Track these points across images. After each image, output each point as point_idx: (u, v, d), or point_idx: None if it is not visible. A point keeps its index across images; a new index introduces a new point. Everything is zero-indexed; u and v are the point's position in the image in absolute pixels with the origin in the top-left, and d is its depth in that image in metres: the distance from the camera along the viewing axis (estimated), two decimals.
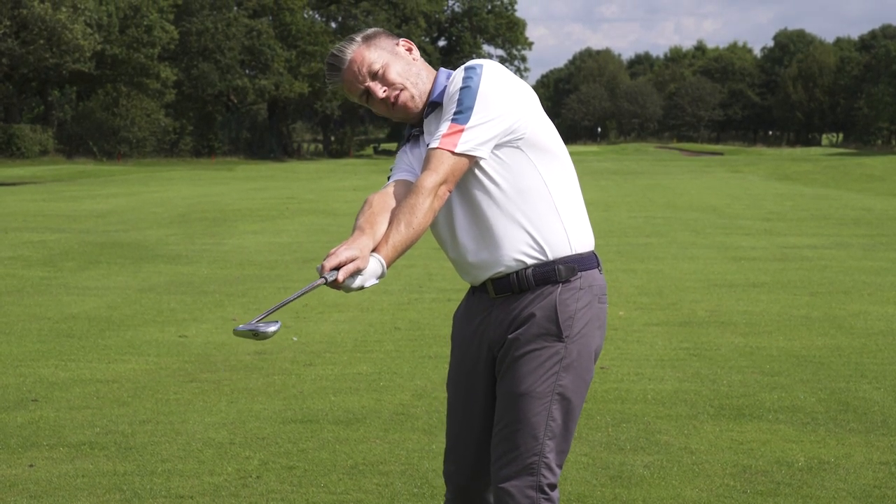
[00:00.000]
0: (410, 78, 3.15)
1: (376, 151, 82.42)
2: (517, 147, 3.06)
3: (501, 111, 3.02)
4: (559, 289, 3.08)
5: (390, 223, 2.98)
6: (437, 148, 2.98)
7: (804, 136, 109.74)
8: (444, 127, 3.01)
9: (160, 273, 13.23)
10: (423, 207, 2.96)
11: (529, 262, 3.08)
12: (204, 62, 66.68)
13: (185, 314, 10.08)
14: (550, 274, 3.08)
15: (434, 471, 5.19)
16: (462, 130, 2.98)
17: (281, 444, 5.69)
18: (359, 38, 3.17)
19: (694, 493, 4.90)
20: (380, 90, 3.13)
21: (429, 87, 3.18)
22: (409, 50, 3.21)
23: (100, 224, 20.18)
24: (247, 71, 69.61)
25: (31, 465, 5.36)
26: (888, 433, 5.84)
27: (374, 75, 3.13)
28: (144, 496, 4.90)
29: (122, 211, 23.54)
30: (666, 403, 6.51)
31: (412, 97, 3.15)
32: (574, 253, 3.10)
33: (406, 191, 3.09)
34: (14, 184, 36.90)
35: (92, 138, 60.96)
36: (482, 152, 3.01)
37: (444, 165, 2.97)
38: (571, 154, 3.28)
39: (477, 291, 3.22)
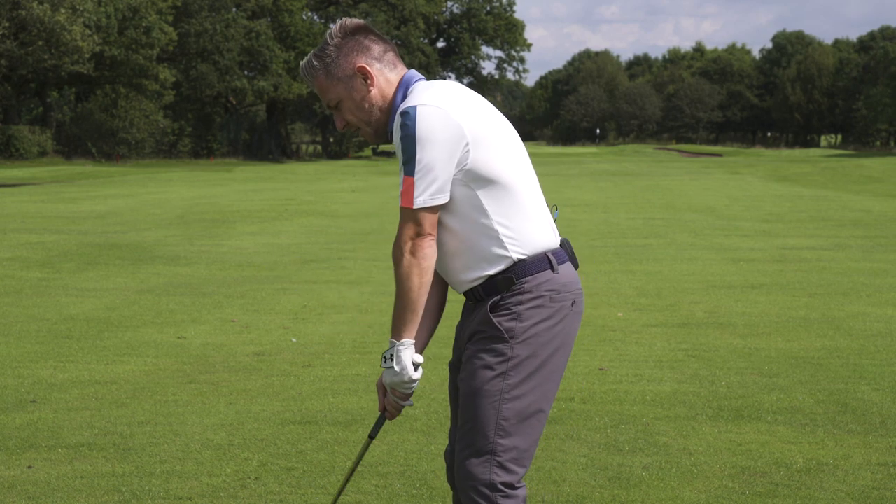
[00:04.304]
0: (363, 116, 3.29)
1: (375, 153, 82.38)
2: (455, 177, 3.15)
3: (442, 152, 3.09)
4: (500, 297, 3.21)
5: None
6: (402, 207, 3.13)
7: (803, 137, 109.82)
8: (400, 178, 3.13)
9: (159, 274, 13.23)
10: (405, 275, 3.12)
11: (480, 280, 3.23)
12: (203, 63, 66.66)
13: (183, 315, 10.08)
14: (493, 285, 3.22)
15: (433, 472, 5.20)
16: (413, 183, 3.09)
17: (280, 446, 5.69)
18: (318, 64, 3.28)
19: (692, 494, 4.90)
20: (339, 123, 3.35)
21: (386, 116, 3.29)
22: (365, 77, 3.26)
23: (98, 225, 20.18)
24: (245, 72, 69.56)
25: (29, 467, 5.36)
26: (887, 434, 5.84)
27: (335, 107, 3.32)
28: (143, 497, 4.90)
29: (120, 212, 23.54)
30: (664, 405, 6.51)
31: (369, 133, 3.33)
32: (517, 261, 3.20)
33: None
34: (13, 185, 36.89)
35: (91, 139, 60.97)
36: (442, 199, 3.12)
37: (409, 223, 3.12)
38: (570, 155, 3.33)
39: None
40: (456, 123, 3.10)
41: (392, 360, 3.18)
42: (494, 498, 3.12)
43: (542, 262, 3.23)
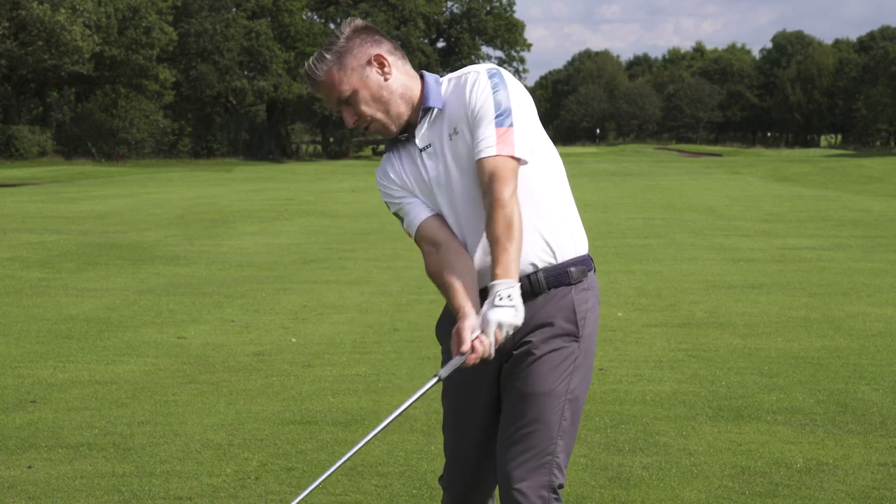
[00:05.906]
0: (382, 104, 3.08)
1: (375, 153, 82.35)
2: None
3: (531, 112, 3.08)
4: (572, 290, 3.09)
5: (496, 243, 2.93)
6: (498, 156, 2.96)
7: (803, 137, 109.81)
8: (490, 132, 2.98)
9: (159, 274, 13.23)
10: (515, 217, 2.93)
11: (541, 265, 3.07)
12: (203, 63, 66.69)
13: (183, 315, 10.08)
14: (563, 276, 3.09)
15: (433, 472, 5.20)
16: (513, 132, 2.98)
17: (280, 446, 5.69)
18: (330, 57, 3.06)
19: (692, 494, 4.90)
20: (349, 119, 3.11)
21: (407, 105, 3.10)
22: (382, 65, 3.09)
23: (98, 225, 20.18)
24: (245, 72, 69.59)
25: (29, 467, 5.36)
26: (886, 434, 5.84)
27: (346, 101, 3.09)
28: (143, 497, 4.90)
29: (120, 212, 23.54)
30: (664, 405, 6.51)
31: (384, 125, 3.11)
32: (578, 255, 3.12)
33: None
34: (13, 185, 36.90)
35: (91, 139, 61.00)
36: (531, 157, 3.04)
37: (511, 172, 2.97)
38: (570, 155, 3.32)
39: (482, 298, 3.11)
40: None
41: (511, 298, 2.91)
42: (550, 500, 3.04)
43: (591, 260, 3.20)
